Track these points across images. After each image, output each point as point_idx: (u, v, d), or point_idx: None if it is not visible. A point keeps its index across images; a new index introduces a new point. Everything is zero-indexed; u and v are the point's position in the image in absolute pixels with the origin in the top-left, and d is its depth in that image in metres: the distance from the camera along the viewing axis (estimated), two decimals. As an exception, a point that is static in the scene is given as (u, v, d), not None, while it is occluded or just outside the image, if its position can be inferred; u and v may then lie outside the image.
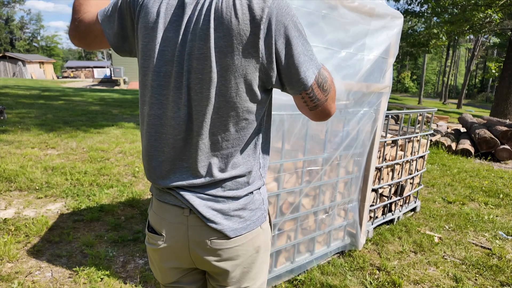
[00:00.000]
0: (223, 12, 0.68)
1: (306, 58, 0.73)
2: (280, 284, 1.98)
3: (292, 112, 1.64)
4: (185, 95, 0.73)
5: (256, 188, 0.82)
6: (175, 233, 0.80)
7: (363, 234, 2.42)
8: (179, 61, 0.72)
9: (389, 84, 2.11)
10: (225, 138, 0.75)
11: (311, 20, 1.57)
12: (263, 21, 0.67)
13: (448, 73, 32.49)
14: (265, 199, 0.86)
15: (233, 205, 0.78)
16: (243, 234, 0.80)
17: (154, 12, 0.72)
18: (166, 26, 0.72)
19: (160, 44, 0.72)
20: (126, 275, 2.00)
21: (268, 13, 0.68)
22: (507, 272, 2.25)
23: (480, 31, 11.50)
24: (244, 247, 0.81)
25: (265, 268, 0.91)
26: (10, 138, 5.00)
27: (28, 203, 2.90)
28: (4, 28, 50.17)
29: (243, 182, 0.79)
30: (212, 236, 0.78)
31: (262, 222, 0.84)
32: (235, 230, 0.78)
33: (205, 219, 0.76)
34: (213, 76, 0.70)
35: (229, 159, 0.76)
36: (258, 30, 0.68)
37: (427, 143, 3.25)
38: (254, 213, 0.82)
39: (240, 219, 0.79)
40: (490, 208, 3.49)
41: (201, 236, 0.78)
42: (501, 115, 9.71)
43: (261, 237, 0.84)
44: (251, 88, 0.72)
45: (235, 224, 0.78)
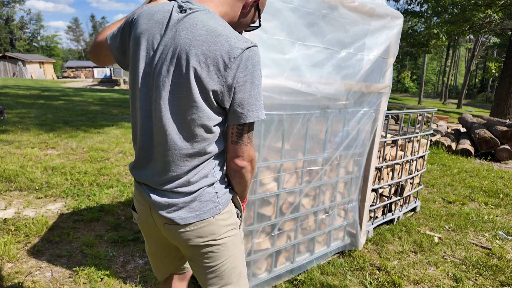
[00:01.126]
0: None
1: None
2: (280, 284, 1.98)
3: (292, 112, 1.64)
4: (153, 96, 0.87)
5: (207, 184, 0.93)
6: (144, 214, 1.00)
7: (363, 234, 2.42)
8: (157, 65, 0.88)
9: (389, 84, 2.11)
10: (183, 140, 0.87)
11: (311, 20, 1.57)
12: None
13: (448, 73, 32.49)
14: (220, 193, 0.96)
15: (183, 199, 0.91)
16: (193, 223, 0.92)
17: (141, 26, 0.88)
18: (149, 38, 0.87)
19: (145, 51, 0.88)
20: (126, 275, 2.00)
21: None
22: (507, 272, 2.25)
23: (480, 31, 11.50)
24: (195, 233, 0.94)
25: (230, 255, 1.01)
26: (10, 138, 5.00)
27: (28, 203, 2.90)
28: (4, 28, 50.20)
29: (194, 180, 0.91)
30: (165, 221, 0.94)
31: (216, 214, 0.94)
32: (184, 219, 0.92)
33: (159, 209, 0.92)
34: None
35: (185, 161, 0.89)
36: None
37: (427, 143, 3.25)
38: (205, 205, 0.93)
39: (190, 210, 0.92)
40: (490, 208, 3.49)
41: (160, 220, 0.95)
42: (501, 115, 9.71)
43: (214, 226, 0.95)
44: (207, 101, 0.85)
45: (184, 214, 0.92)
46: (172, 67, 0.83)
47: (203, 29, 0.82)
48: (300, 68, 1.56)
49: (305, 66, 1.58)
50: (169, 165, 0.89)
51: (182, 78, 0.82)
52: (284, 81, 1.50)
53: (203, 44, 0.81)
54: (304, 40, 1.56)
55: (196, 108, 0.84)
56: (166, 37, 0.84)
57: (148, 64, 0.87)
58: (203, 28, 0.82)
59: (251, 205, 1.67)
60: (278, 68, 1.48)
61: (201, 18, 0.84)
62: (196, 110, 0.84)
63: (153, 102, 0.87)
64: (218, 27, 0.83)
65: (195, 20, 0.83)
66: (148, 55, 0.87)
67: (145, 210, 0.98)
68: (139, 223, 1.05)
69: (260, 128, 1.57)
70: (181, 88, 0.83)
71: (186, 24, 0.83)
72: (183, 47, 0.81)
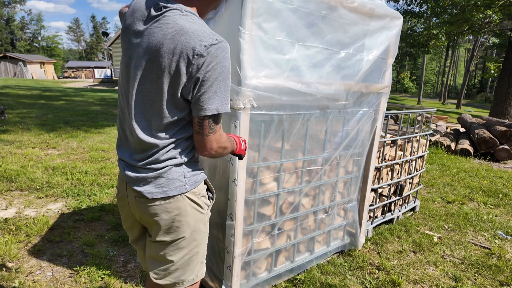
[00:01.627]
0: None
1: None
2: (280, 283, 1.99)
3: (291, 112, 1.65)
4: (130, 86, 1.00)
5: (175, 164, 1.02)
6: (122, 189, 1.11)
7: (363, 233, 2.43)
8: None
9: (388, 84, 2.12)
10: (152, 126, 0.98)
11: (310, 20, 1.58)
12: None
13: (448, 73, 32.50)
14: (187, 174, 1.06)
15: (151, 174, 1.01)
16: (160, 198, 1.02)
17: (126, 22, 1.01)
18: (130, 33, 1.00)
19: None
20: (126, 275, 2.01)
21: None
22: (506, 272, 2.26)
23: (479, 32, 11.51)
24: (161, 207, 1.03)
25: (194, 231, 1.11)
26: (11, 138, 5.00)
27: (29, 202, 2.91)
28: (5, 28, 50.18)
29: (162, 159, 1.01)
30: (136, 194, 1.04)
31: (183, 192, 1.04)
32: (151, 193, 1.02)
33: (131, 183, 1.04)
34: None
35: (155, 144, 0.99)
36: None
37: (426, 143, 3.26)
38: (172, 182, 1.02)
39: (156, 185, 1.02)
40: (489, 208, 3.50)
41: (132, 194, 1.05)
42: (500, 115, 9.72)
43: (180, 203, 1.05)
44: (173, 93, 0.95)
45: (152, 189, 1.02)
46: (144, 61, 0.94)
47: (172, 28, 0.91)
48: (300, 68, 1.57)
49: (305, 66, 1.59)
50: (141, 146, 1.01)
51: (152, 72, 0.93)
52: (284, 81, 1.51)
53: (171, 41, 0.90)
54: (304, 41, 1.57)
55: (163, 99, 0.95)
56: (142, 34, 0.95)
57: (128, 56, 1.00)
58: (173, 27, 0.91)
59: (251, 205, 1.68)
60: (278, 69, 1.49)
61: (173, 17, 0.93)
62: (164, 101, 0.95)
63: (130, 90, 0.99)
64: (186, 25, 0.91)
65: (167, 19, 0.93)
66: (128, 48, 0.99)
67: (122, 185, 1.10)
68: (117, 199, 1.16)
69: (260, 128, 1.58)
70: (151, 81, 0.95)
71: (159, 22, 0.93)
72: (154, 44, 0.92)
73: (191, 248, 1.12)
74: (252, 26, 1.36)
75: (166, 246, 1.09)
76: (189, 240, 1.10)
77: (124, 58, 1.01)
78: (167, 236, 1.07)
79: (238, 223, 1.60)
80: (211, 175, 1.71)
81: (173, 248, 1.09)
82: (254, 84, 1.41)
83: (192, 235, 1.10)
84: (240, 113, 1.43)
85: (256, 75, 1.41)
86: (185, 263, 1.12)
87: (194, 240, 1.12)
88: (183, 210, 1.06)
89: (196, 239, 1.13)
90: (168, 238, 1.08)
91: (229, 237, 1.62)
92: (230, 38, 1.40)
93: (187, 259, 1.13)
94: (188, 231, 1.09)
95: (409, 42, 12.00)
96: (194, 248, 1.13)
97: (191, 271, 1.15)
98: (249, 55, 1.37)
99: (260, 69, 1.43)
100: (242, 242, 1.66)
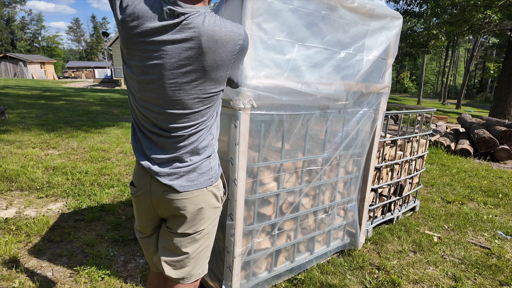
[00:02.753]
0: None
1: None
2: (280, 283, 1.99)
3: (292, 112, 1.66)
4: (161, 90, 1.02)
5: (205, 157, 1.08)
6: (142, 184, 1.11)
7: (363, 233, 2.44)
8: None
9: (388, 84, 2.12)
10: (182, 120, 1.02)
11: (310, 20, 1.58)
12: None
13: (447, 73, 32.50)
14: (213, 167, 1.12)
15: (183, 169, 1.05)
16: (190, 191, 1.06)
17: (133, 26, 1.01)
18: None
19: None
20: (127, 275, 2.01)
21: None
22: (506, 272, 2.26)
23: (479, 32, 11.51)
24: (190, 200, 1.07)
25: (211, 223, 1.16)
26: (11, 138, 5.01)
27: (29, 202, 2.91)
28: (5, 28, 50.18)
29: (195, 153, 1.06)
30: (166, 189, 1.06)
31: (209, 185, 1.10)
32: (183, 187, 1.06)
33: (160, 177, 1.05)
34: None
35: (186, 137, 1.03)
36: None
37: (426, 143, 3.26)
38: (202, 176, 1.08)
39: (188, 179, 1.06)
40: (489, 207, 3.50)
41: (160, 188, 1.07)
42: (500, 115, 9.72)
43: (205, 196, 1.10)
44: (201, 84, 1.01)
45: (183, 182, 1.06)
46: (180, 72, 0.99)
47: (205, 36, 0.97)
48: (300, 68, 1.57)
49: (305, 66, 1.60)
50: (172, 143, 1.05)
51: (192, 79, 0.99)
52: (284, 82, 1.51)
53: (209, 51, 0.98)
54: (304, 41, 1.57)
55: (201, 101, 1.05)
56: (165, 43, 0.99)
57: (149, 65, 1.01)
58: (205, 34, 0.97)
59: (251, 205, 1.68)
60: (278, 69, 1.50)
61: (197, 23, 0.96)
62: (202, 102, 1.05)
63: (159, 95, 1.02)
64: (215, 30, 0.97)
65: (193, 26, 0.97)
66: (147, 57, 1.02)
67: (145, 181, 1.10)
68: (135, 197, 1.16)
69: (260, 128, 1.58)
70: (190, 86, 1.02)
71: (184, 31, 0.97)
72: (191, 56, 0.98)
73: (204, 241, 1.17)
74: (252, 26, 1.36)
75: (185, 238, 1.12)
76: (205, 232, 1.15)
77: (141, 68, 0.97)
78: (190, 228, 1.11)
79: (238, 223, 1.60)
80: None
81: (190, 240, 1.13)
82: (254, 84, 1.41)
83: (208, 227, 1.15)
84: (240, 113, 1.44)
85: (256, 75, 1.42)
86: (196, 256, 1.16)
87: (208, 233, 1.17)
88: (207, 202, 1.11)
89: (211, 232, 1.18)
90: (190, 230, 1.11)
91: (229, 237, 1.63)
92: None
93: (199, 252, 1.17)
94: (207, 224, 1.14)
95: (409, 42, 12.00)
96: (206, 240, 1.18)
97: (199, 266, 1.19)
98: (249, 55, 1.37)
99: (260, 69, 1.43)
100: (242, 242, 1.66)
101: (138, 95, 1.03)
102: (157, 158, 1.06)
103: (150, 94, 1.00)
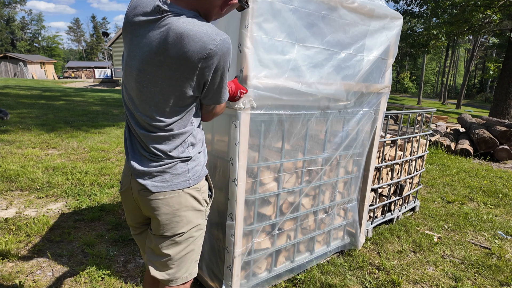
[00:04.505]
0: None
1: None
2: (280, 283, 1.99)
3: (292, 112, 1.66)
4: (135, 83, 1.03)
5: (180, 158, 1.06)
6: (125, 182, 1.13)
7: (363, 233, 2.44)
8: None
9: (388, 84, 2.12)
10: (158, 121, 1.01)
11: (310, 21, 1.58)
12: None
13: (447, 73, 32.50)
14: (191, 169, 1.08)
15: (156, 169, 1.04)
16: (163, 192, 1.05)
17: (129, 17, 1.03)
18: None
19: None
20: (127, 275, 2.01)
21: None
22: (506, 272, 2.26)
23: (479, 32, 11.51)
24: (164, 202, 1.06)
25: (193, 227, 1.13)
26: (11, 138, 5.01)
27: (29, 202, 2.91)
28: (5, 28, 50.16)
29: (168, 155, 1.04)
30: (140, 188, 1.06)
31: (186, 187, 1.07)
32: (156, 187, 1.04)
33: (136, 176, 1.06)
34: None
35: (159, 137, 1.02)
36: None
37: (426, 143, 3.26)
38: (176, 178, 1.05)
39: (162, 180, 1.04)
40: (489, 208, 3.50)
41: (136, 187, 1.08)
42: (500, 115, 9.72)
43: (181, 198, 1.07)
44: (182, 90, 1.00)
45: (157, 183, 1.04)
46: (147, 65, 0.99)
47: (174, 32, 0.96)
48: (300, 68, 1.57)
49: (305, 66, 1.60)
50: (147, 142, 1.05)
51: (157, 75, 0.98)
52: (284, 82, 1.51)
53: (174, 46, 0.96)
54: (304, 41, 1.57)
55: (169, 100, 1.02)
56: (143, 36, 1.00)
57: (131, 56, 1.03)
58: (174, 31, 0.96)
59: (251, 205, 1.68)
60: (278, 69, 1.50)
61: (174, 21, 0.95)
62: (169, 101, 1.02)
63: (133, 88, 1.04)
64: (187, 27, 0.94)
65: (168, 23, 0.97)
66: (130, 48, 1.03)
67: (127, 179, 1.12)
68: (121, 193, 1.17)
69: (260, 128, 1.58)
70: (155, 83, 1.01)
71: (160, 27, 0.97)
72: (157, 49, 0.97)
73: (187, 245, 1.14)
74: (253, 26, 1.36)
75: (165, 240, 1.11)
76: (187, 236, 1.12)
77: (127, 57, 1.02)
78: (168, 230, 1.09)
79: (238, 223, 1.60)
80: (211, 175, 1.71)
81: (171, 242, 1.11)
82: (254, 84, 1.41)
83: (190, 231, 1.12)
84: (240, 113, 1.44)
85: (256, 75, 1.42)
86: (180, 259, 1.14)
87: (192, 237, 1.14)
88: (184, 205, 1.08)
89: (194, 235, 1.15)
90: (168, 233, 1.10)
91: (229, 237, 1.63)
92: (230, 38, 1.40)
93: (183, 256, 1.14)
94: (186, 227, 1.11)
95: (409, 43, 12.00)
96: (190, 245, 1.15)
97: (185, 269, 1.16)
98: (249, 55, 1.37)
99: (260, 69, 1.43)
100: (242, 242, 1.66)
101: (124, 88, 1.08)
102: (134, 157, 1.07)
103: (129, 86, 1.03)
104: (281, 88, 1.51)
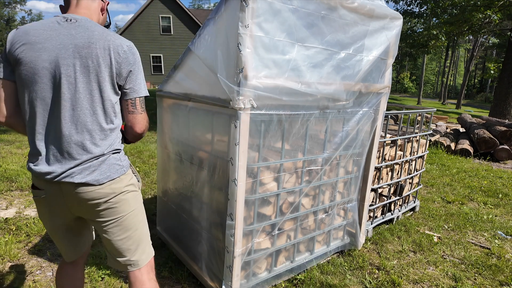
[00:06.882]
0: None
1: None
2: (280, 283, 1.99)
3: (291, 112, 1.66)
4: (57, 83, 1.11)
5: (109, 152, 1.14)
6: (47, 187, 1.13)
7: (363, 233, 2.44)
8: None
9: (388, 84, 2.12)
10: (88, 117, 1.09)
11: (310, 21, 1.59)
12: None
13: (447, 73, 32.52)
14: (122, 158, 1.20)
15: (94, 163, 1.11)
16: (105, 182, 1.13)
17: (23, 41, 1.14)
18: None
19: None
20: (126, 274, 2.00)
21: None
22: (506, 272, 2.26)
23: (479, 32, 11.51)
24: (105, 190, 1.13)
25: (132, 208, 1.22)
26: (11, 138, 5.00)
27: (29, 202, 2.91)
28: (5, 28, 50.14)
29: (101, 150, 1.12)
30: (78, 186, 1.11)
31: (121, 174, 1.17)
32: (97, 180, 1.11)
33: (71, 177, 1.09)
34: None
35: (89, 134, 1.10)
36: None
37: (426, 143, 3.26)
38: (113, 167, 1.15)
39: (101, 172, 1.12)
40: (489, 208, 3.50)
41: (71, 187, 1.11)
42: (500, 115, 9.72)
43: (120, 184, 1.17)
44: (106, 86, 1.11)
45: (97, 176, 1.11)
46: (74, 60, 1.08)
47: (95, 30, 1.11)
48: (300, 68, 1.57)
49: (305, 66, 1.60)
50: (78, 141, 1.12)
51: (85, 67, 1.08)
52: (284, 82, 1.51)
53: (100, 39, 1.10)
54: (304, 41, 1.57)
55: (99, 92, 1.12)
56: (53, 39, 1.10)
57: (41, 66, 1.10)
58: (96, 29, 1.11)
59: (251, 205, 1.68)
60: (278, 69, 1.50)
61: (87, 23, 1.12)
62: (98, 93, 1.11)
63: (55, 89, 1.11)
64: (104, 29, 1.12)
65: (84, 25, 1.13)
66: (37, 59, 1.10)
67: (48, 184, 1.12)
68: (40, 200, 1.17)
69: (260, 128, 1.58)
70: (84, 76, 1.10)
71: (77, 27, 1.11)
72: (83, 43, 1.10)
73: (136, 228, 1.24)
74: (252, 26, 1.36)
75: (113, 227, 1.19)
76: (132, 217, 1.22)
77: (33, 68, 1.05)
78: (112, 216, 1.18)
79: (238, 223, 1.60)
80: (210, 175, 1.71)
81: (119, 228, 1.20)
82: (254, 84, 1.41)
83: (134, 212, 1.22)
84: (240, 113, 1.44)
85: (256, 75, 1.42)
86: (134, 243, 1.23)
87: (136, 216, 1.23)
88: (124, 190, 1.18)
89: (138, 215, 1.24)
90: (111, 219, 1.18)
91: (229, 237, 1.62)
92: (230, 38, 1.40)
93: (136, 239, 1.24)
94: (129, 209, 1.21)
95: (409, 43, 12.00)
96: (139, 227, 1.25)
97: (142, 251, 1.26)
98: (249, 55, 1.37)
99: (260, 69, 1.43)
100: (242, 242, 1.66)
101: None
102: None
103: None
104: (281, 88, 1.51)
